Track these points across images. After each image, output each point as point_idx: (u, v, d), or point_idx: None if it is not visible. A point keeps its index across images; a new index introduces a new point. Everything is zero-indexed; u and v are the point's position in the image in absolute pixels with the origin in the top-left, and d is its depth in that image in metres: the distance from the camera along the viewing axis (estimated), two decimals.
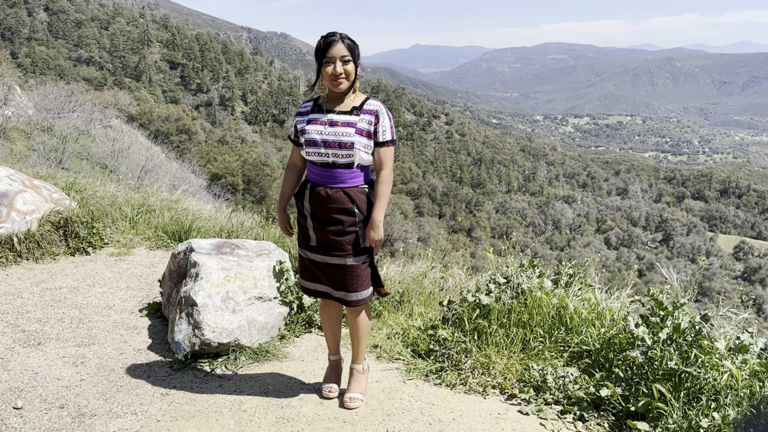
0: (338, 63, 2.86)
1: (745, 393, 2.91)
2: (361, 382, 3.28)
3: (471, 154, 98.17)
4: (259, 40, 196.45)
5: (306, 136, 2.95)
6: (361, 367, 3.30)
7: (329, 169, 2.94)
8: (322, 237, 3.00)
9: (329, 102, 3.01)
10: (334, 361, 3.40)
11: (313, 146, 2.93)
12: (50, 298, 4.59)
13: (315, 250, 3.05)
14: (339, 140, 2.89)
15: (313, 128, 2.94)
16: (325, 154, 2.92)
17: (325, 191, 2.94)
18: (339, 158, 2.91)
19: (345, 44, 2.87)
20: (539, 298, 3.84)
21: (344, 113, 2.95)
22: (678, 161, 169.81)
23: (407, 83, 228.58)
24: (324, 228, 2.98)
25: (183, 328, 3.70)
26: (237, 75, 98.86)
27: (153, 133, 52.33)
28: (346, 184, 2.95)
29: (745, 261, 73.34)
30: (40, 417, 3.01)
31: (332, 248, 2.99)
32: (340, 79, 2.88)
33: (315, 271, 3.11)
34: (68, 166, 19.48)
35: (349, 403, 3.19)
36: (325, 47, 2.87)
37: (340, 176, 2.94)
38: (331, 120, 2.93)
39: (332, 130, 2.91)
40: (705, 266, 59.70)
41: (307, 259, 3.11)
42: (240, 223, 6.35)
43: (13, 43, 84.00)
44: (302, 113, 3.05)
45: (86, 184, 7.22)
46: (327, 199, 2.94)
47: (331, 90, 2.97)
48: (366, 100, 2.99)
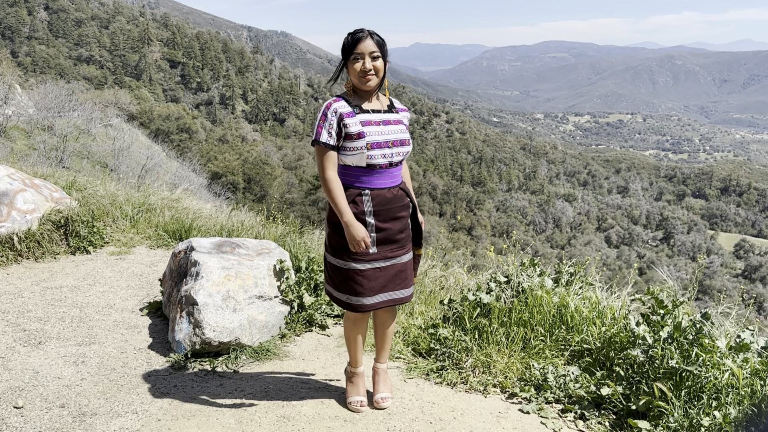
0: (367, 59, 2.76)
1: (746, 392, 2.91)
2: (387, 380, 3.27)
3: (471, 153, 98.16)
4: (260, 38, 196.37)
5: (369, 139, 2.78)
6: (386, 365, 3.28)
7: (390, 169, 2.87)
8: (386, 238, 2.89)
9: (361, 101, 2.88)
10: (361, 373, 3.24)
11: (378, 148, 2.80)
12: (51, 297, 4.59)
13: (376, 256, 2.89)
14: (401, 138, 2.88)
15: (372, 129, 2.81)
16: (390, 155, 2.84)
17: (390, 192, 2.88)
18: (400, 156, 2.89)
19: (374, 40, 2.78)
20: (540, 297, 3.83)
21: (387, 111, 2.91)
22: (679, 159, 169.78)
23: (407, 82, 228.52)
24: (389, 229, 2.89)
25: (184, 327, 3.70)
26: (237, 74, 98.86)
27: (153, 131, 52.32)
28: (399, 180, 2.96)
29: (745, 259, 73.35)
30: (41, 416, 3.01)
31: (398, 247, 2.94)
32: (369, 75, 2.78)
33: (379, 280, 2.91)
34: (69, 165, 19.49)
35: (382, 403, 3.17)
36: (353, 43, 2.77)
37: (397, 174, 2.93)
38: (384, 120, 2.87)
39: (389, 129, 2.86)
40: (705, 264, 59.66)
41: (367, 271, 2.88)
42: (240, 221, 6.35)
43: (13, 42, 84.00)
44: (348, 114, 2.80)
45: (87, 183, 7.23)
46: (393, 199, 2.89)
47: (359, 88, 2.85)
48: (392, 100, 3.02)
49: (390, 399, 3.22)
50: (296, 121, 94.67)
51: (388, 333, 3.18)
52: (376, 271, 2.90)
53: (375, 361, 3.27)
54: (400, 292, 2.99)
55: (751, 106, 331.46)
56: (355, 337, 3.14)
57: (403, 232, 2.97)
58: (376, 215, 2.86)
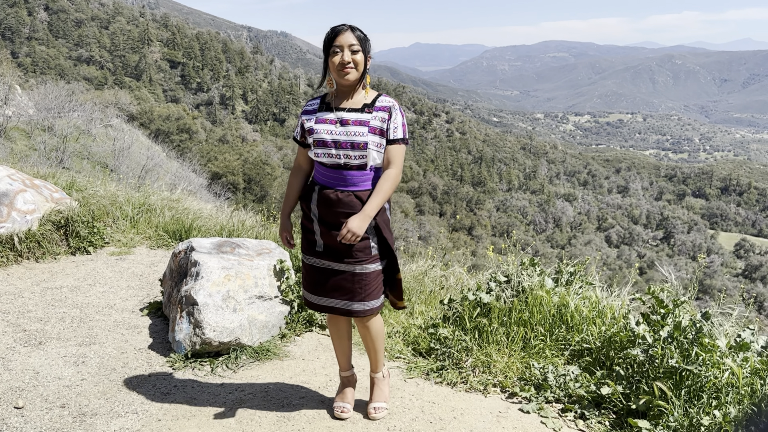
0: (346, 51, 2.66)
1: (746, 391, 2.91)
2: (383, 389, 3.14)
3: (471, 153, 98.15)
4: (260, 38, 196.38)
5: (315, 136, 2.73)
6: (380, 374, 3.13)
7: (340, 171, 2.73)
8: (330, 242, 2.79)
9: (338, 99, 2.79)
10: (345, 378, 3.16)
11: (323, 147, 2.72)
12: (51, 297, 4.59)
13: (321, 255, 2.83)
14: (351, 140, 2.69)
15: (322, 127, 2.73)
16: (336, 156, 2.70)
17: (335, 194, 2.74)
18: (351, 159, 2.70)
19: (354, 34, 2.67)
20: (540, 297, 3.83)
21: (355, 111, 2.73)
22: (679, 159, 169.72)
23: (407, 82, 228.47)
24: (332, 233, 2.76)
25: (184, 327, 3.70)
26: (237, 74, 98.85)
27: (153, 132, 52.31)
28: (359, 187, 2.74)
29: (746, 259, 73.32)
30: (41, 416, 3.02)
31: (341, 255, 2.78)
32: (347, 68, 2.66)
33: (320, 281, 2.86)
34: (69, 165, 19.49)
35: (373, 414, 3.05)
36: (333, 36, 2.68)
37: (352, 179, 2.73)
38: (341, 118, 2.72)
39: (343, 130, 2.71)
40: (706, 264, 59.63)
41: (312, 267, 2.89)
42: (241, 222, 6.35)
43: (13, 43, 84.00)
44: (309, 111, 2.82)
45: (87, 183, 7.23)
46: (337, 202, 2.73)
47: (339, 83, 2.75)
48: (378, 97, 2.78)
49: (384, 410, 3.10)
50: (296, 121, 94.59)
51: (373, 347, 3.03)
52: (312, 268, 2.90)
53: (370, 370, 3.18)
54: (341, 301, 2.85)
55: (751, 106, 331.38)
56: (333, 339, 3.12)
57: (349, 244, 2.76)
58: (320, 213, 2.80)
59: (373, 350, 3.05)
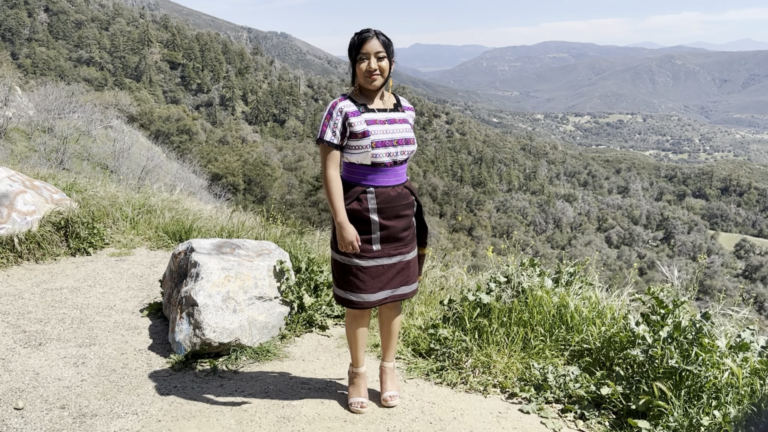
0: (372, 59, 2.81)
1: (746, 391, 2.91)
2: (395, 379, 3.29)
3: (471, 153, 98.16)
4: (260, 39, 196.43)
5: (374, 137, 2.83)
6: (393, 364, 3.29)
7: (394, 168, 2.91)
8: (389, 235, 2.93)
9: (367, 100, 2.92)
10: (362, 374, 3.23)
11: (382, 147, 2.85)
12: (51, 298, 4.59)
13: (380, 253, 2.93)
14: (405, 137, 2.91)
15: (377, 128, 2.86)
16: (395, 153, 2.89)
17: (394, 190, 2.92)
18: (405, 155, 2.92)
19: (380, 40, 2.82)
20: (540, 297, 3.83)
21: (393, 111, 2.95)
22: (679, 159, 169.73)
23: (408, 82, 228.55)
24: (392, 227, 2.93)
25: (184, 328, 3.70)
26: (237, 75, 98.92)
27: (153, 133, 52.32)
28: (404, 178, 2.99)
29: (746, 259, 73.30)
30: (41, 417, 3.02)
31: (402, 244, 2.97)
32: (374, 75, 2.82)
33: (380, 277, 2.94)
34: (69, 166, 19.49)
35: (390, 401, 3.19)
36: (360, 43, 2.81)
37: (402, 172, 2.96)
38: (389, 118, 2.91)
39: (395, 128, 2.90)
40: (706, 264, 59.62)
41: (370, 268, 2.92)
42: (241, 222, 6.36)
43: (13, 44, 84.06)
44: (354, 113, 2.85)
45: (87, 184, 7.23)
46: (397, 197, 2.93)
47: (364, 87, 2.89)
48: (399, 98, 3.03)
49: (398, 397, 3.24)
50: (296, 122, 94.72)
51: (393, 330, 3.20)
52: (380, 268, 2.94)
53: (381, 360, 3.29)
54: (403, 288, 3.03)
55: (751, 106, 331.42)
56: (356, 336, 3.15)
57: (407, 230, 2.99)
58: (380, 212, 2.90)
59: (394, 335, 3.22)
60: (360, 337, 3.16)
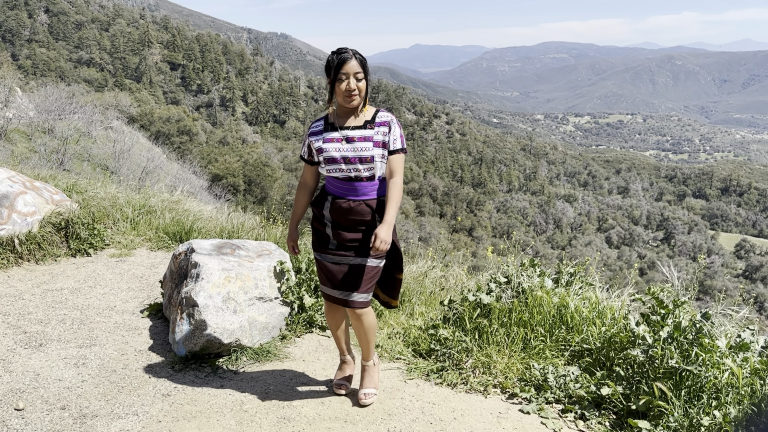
0: (352, 79, 2.89)
1: (746, 391, 2.91)
2: (373, 376, 3.32)
3: (472, 154, 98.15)
4: (260, 40, 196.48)
5: (325, 155, 2.97)
6: (371, 362, 3.32)
7: (351, 183, 3.00)
8: (341, 241, 3.06)
9: (340, 118, 3.02)
10: (344, 359, 3.44)
11: (334, 163, 2.97)
12: (51, 299, 4.59)
13: (333, 252, 3.09)
14: (359, 155, 2.95)
15: (331, 146, 2.97)
16: (347, 170, 2.97)
17: (347, 203, 3.01)
18: (361, 172, 2.97)
19: (357, 60, 2.90)
20: (540, 297, 3.83)
21: (358, 128, 2.99)
22: (679, 160, 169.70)
23: (407, 83, 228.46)
24: (345, 235, 3.04)
25: (184, 329, 3.70)
26: (237, 76, 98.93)
27: (154, 134, 52.31)
28: (368, 196, 3.02)
29: (746, 259, 73.30)
30: (42, 418, 3.02)
31: (350, 250, 3.06)
32: (353, 95, 2.91)
33: (332, 274, 3.10)
34: (69, 167, 19.50)
35: (364, 399, 3.23)
36: (339, 64, 2.89)
37: (363, 189, 3.01)
38: (347, 136, 2.97)
39: (350, 146, 2.96)
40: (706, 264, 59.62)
41: (324, 263, 3.12)
42: (241, 223, 6.36)
43: (13, 45, 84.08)
44: (315, 133, 3.05)
45: (87, 185, 7.23)
46: (349, 210, 3.01)
47: (342, 105, 3.00)
48: (377, 113, 3.04)
49: (373, 395, 3.27)
50: (296, 122, 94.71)
51: (365, 337, 3.23)
52: (329, 264, 3.11)
53: (361, 358, 3.36)
54: (348, 294, 3.07)
55: (751, 106, 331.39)
56: (331, 327, 3.32)
57: (358, 242, 3.05)
58: (334, 221, 3.07)
59: (364, 340, 3.26)
60: (333, 327, 3.31)
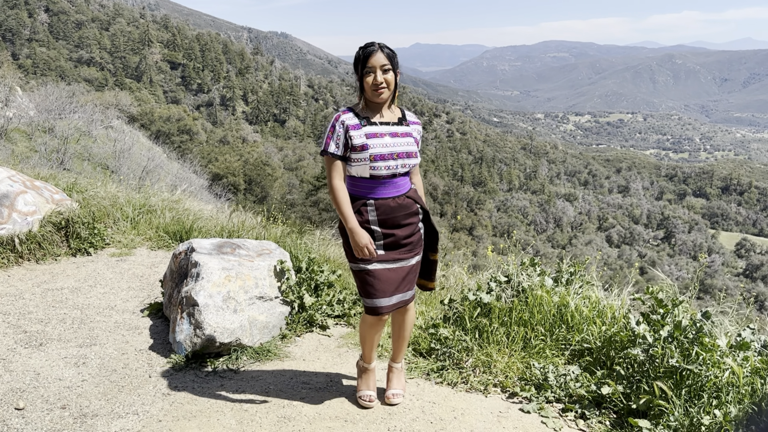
0: (378, 72, 2.84)
1: (747, 390, 2.91)
2: (401, 378, 3.33)
3: (472, 153, 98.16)
4: (260, 39, 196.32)
5: (372, 151, 2.87)
6: (401, 364, 3.33)
7: (393, 180, 2.95)
8: (393, 243, 2.97)
9: (372, 113, 2.96)
10: (371, 370, 3.31)
11: (381, 160, 2.89)
12: (52, 298, 4.59)
13: (385, 257, 2.96)
14: (407, 150, 2.95)
15: (376, 142, 2.89)
16: (395, 166, 2.92)
17: (395, 202, 2.95)
18: (406, 168, 2.97)
19: (384, 53, 2.85)
20: (540, 297, 3.83)
21: (396, 124, 2.98)
22: (679, 159, 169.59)
23: (408, 82, 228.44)
24: (395, 235, 2.96)
25: (184, 328, 3.70)
26: (238, 75, 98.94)
27: (154, 133, 52.33)
28: (407, 189, 3.02)
29: (746, 258, 73.32)
30: (42, 417, 3.02)
31: (406, 250, 3.00)
32: (381, 89, 2.86)
33: (391, 281, 2.97)
34: (69, 167, 19.50)
35: (393, 399, 3.23)
36: (365, 57, 2.85)
37: (404, 184, 3.00)
38: (391, 132, 2.94)
39: (395, 141, 2.93)
40: (706, 263, 59.60)
41: (377, 271, 2.95)
42: (241, 222, 6.36)
43: (14, 45, 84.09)
44: (355, 127, 2.90)
45: (87, 184, 7.23)
46: (398, 208, 2.96)
47: (372, 100, 2.93)
48: (404, 112, 3.06)
49: (402, 396, 3.27)
50: (297, 122, 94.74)
51: (405, 335, 3.25)
52: (386, 271, 2.97)
53: (391, 359, 3.33)
54: (407, 293, 3.06)
55: (751, 105, 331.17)
56: (372, 338, 3.20)
57: (411, 237, 3.01)
58: (381, 224, 2.95)
59: (405, 339, 3.26)
60: (375, 339, 3.23)
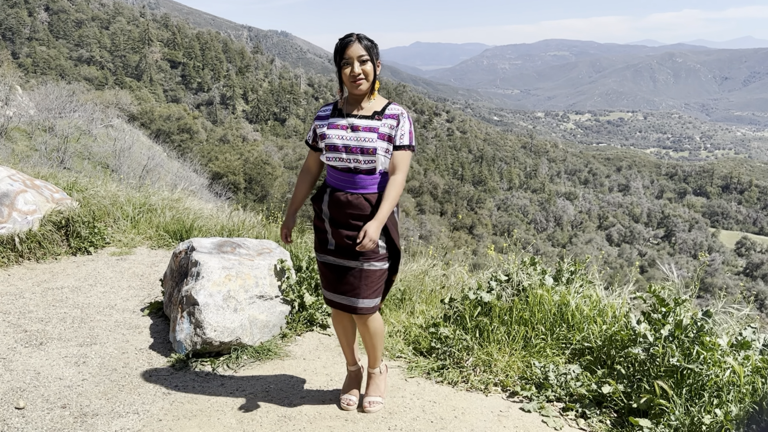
0: (356, 63, 2.78)
1: (748, 389, 2.90)
2: (379, 385, 3.22)
3: (472, 152, 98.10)
4: (260, 38, 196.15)
5: (327, 141, 2.86)
6: (377, 370, 3.22)
7: (351, 175, 2.86)
8: (339, 241, 2.91)
9: (349, 105, 2.91)
10: (352, 372, 3.29)
11: (334, 151, 2.84)
12: (52, 297, 4.59)
13: (333, 253, 2.95)
14: (361, 146, 2.81)
15: (334, 133, 2.85)
16: (347, 160, 2.84)
17: (345, 196, 2.87)
18: (361, 164, 2.83)
19: (362, 44, 2.78)
20: (540, 296, 3.83)
21: (366, 118, 2.86)
22: (679, 157, 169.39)
23: (408, 81, 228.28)
24: (342, 232, 2.89)
25: (184, 327, 3.70)
26: (238, 73, 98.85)
27: (154, 132, 52.30)
28: (367, 189, 2.88)
29: (747, 257, 73.30)
30: (42, 417, 3.02)
31: (351, 252, 2.89)
32: (359, 80, 2.79)
33: (332, 278, 2.98)
34: (70, 165, 19.50)
35: (368, 408, 3.14)
36: (342, 49, 2.79)
37: (362, 182, 2.87)
38: (352, 125, 2.85)
39: (354, 135, 2.83)
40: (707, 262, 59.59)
41: (324, 264, 3.01)
42: (241, 221, 6.36)
43: (14, 43, 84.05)
44: (322, 117, 2.95)
45: (87, 183, 7.23)
46: (347, 204, 2.87)
47: (351, 92, 2.88)
48: (388, 105, 2.91)
49: (378, 404, 3.17)
50: (297, 120, 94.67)
51: (372, 343, 3.10)
52: (323, 265, 3.02)
53: (367, 365, 3.27)
54: (348, 299, 2.95)
55: (752, 104, 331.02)
56: (338, 333, 3.22)
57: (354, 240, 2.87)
58: (331, 216, 2.93)
59: (371, 347, 3.14)
60: (341, 335, 3.21)
